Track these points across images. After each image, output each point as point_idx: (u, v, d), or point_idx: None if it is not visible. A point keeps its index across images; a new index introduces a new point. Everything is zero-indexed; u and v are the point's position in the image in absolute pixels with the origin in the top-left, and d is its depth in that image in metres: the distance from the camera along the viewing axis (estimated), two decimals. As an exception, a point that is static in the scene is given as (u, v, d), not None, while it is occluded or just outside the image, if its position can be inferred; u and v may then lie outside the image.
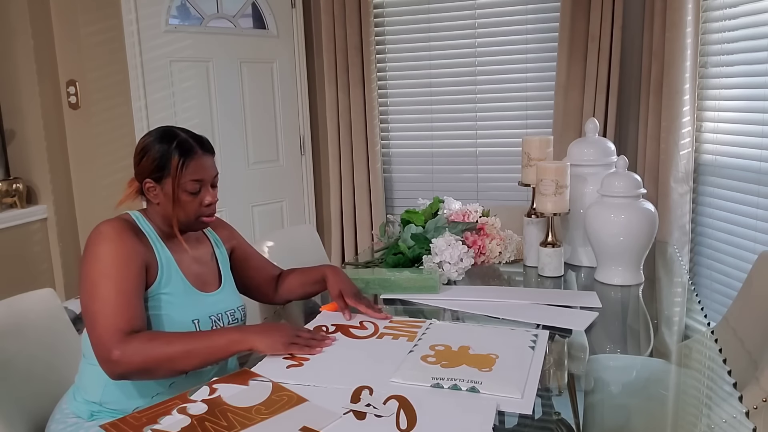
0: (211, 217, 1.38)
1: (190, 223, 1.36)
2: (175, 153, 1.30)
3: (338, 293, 1.49)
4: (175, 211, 1.33)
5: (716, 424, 0.98)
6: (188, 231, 1.39)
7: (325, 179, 3.49)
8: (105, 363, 1.16)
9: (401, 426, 0.97)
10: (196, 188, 1.33)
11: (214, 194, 1.37)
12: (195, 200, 1.33)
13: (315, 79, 3.43)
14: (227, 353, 1.20)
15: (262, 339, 1.20)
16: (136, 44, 2.77)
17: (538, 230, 1.85)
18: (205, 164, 1.34)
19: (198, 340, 1.19)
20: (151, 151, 1.31)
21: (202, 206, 1.35)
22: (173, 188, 1.31)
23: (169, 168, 1.30)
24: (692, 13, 2.50)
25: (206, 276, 1.41)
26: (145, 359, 1.15)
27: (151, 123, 2.83)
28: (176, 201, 1.32)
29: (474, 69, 3.14)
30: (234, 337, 1.20)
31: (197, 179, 1.32)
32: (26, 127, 2.85)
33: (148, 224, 1.35)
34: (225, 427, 0.97)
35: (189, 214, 1.34)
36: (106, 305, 1.18)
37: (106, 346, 1.15)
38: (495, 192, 3.19)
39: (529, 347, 1.24)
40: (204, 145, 1.35)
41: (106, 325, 1.16)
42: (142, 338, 1.17)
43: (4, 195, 2.78)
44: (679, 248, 2.56)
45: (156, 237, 1.34)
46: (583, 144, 1.91)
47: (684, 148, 2.59)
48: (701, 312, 1.47)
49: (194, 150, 1.32)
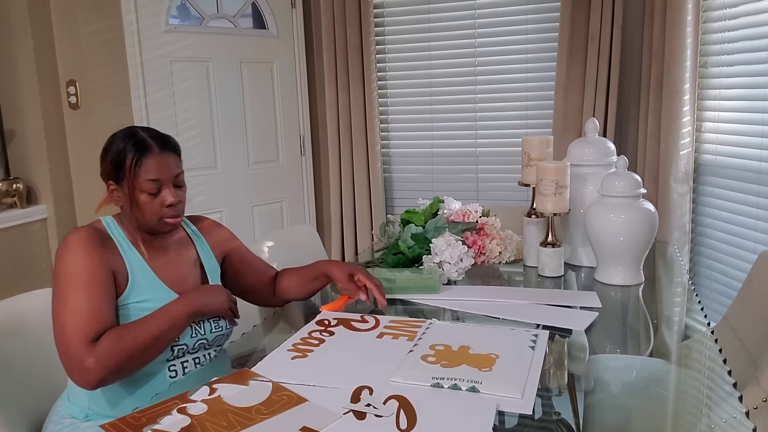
0: (176, 219, 1.32)
1: (153, 225, 1.30)
2: (130, 151, 1.26)
3: (347, 277, 1.47)
4: (134, 212, 1.28)
5: (716, 424, 0.98)
6: (155, 233, 1.34)
7: (325, 179, 3.49)
8: (79, 373, 1.13)
9: (401, 426, 0.97)
10: (154, 188, 1.27)
11: (177, 194, 1.31)
12: (155, 201, 1.28)
13: (315, 79, 3.43)
14: (186, 324, 1.26)
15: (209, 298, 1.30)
16: (136, 44, 2.77)
17: (538, 230, 1.85)
18: (162, 163, 1.28)
19: (160, 322, 1.22)
20: (110, 151, 1.29)
21: (163, 207, 1.29)
22: (129, 188, 1.27)
23: (125, 168, 1.26)
24: (692, 13, 2.50)
25: (186, 280, 1.37)
26: (119, 358, 1.14)
27: (151, 123, 2.83)
28: (134, 202, 1.27)
29: (474, 69, 3.14)
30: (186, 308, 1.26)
31: (154, 178, 1.27)
32: (26, 127, 2.85)
33: (119, 230, 1.31)
34: (225, 427, 0.97)
35: (149, 215, 1.29)
36: (75, 316, 1.15)
37: (78, 358, 1.13)
38: (495, 192, 3.19)
39: (529, 347, 1.24)
40: (164, 144, 1.30)
41: (76, 337, 1.14)
42: (110, 339, 1.15)
43: (4, 195, 2.78)
44: (679, 248, 2.56)
45: (127, 243, 1.30)
46: (583, 144, 1.91)
47: (684, 148, 2.59)
48: (701, 312, 1.47)
49: (150, 148, 1.27)
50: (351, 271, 1.48)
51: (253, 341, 1.42)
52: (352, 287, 1.46)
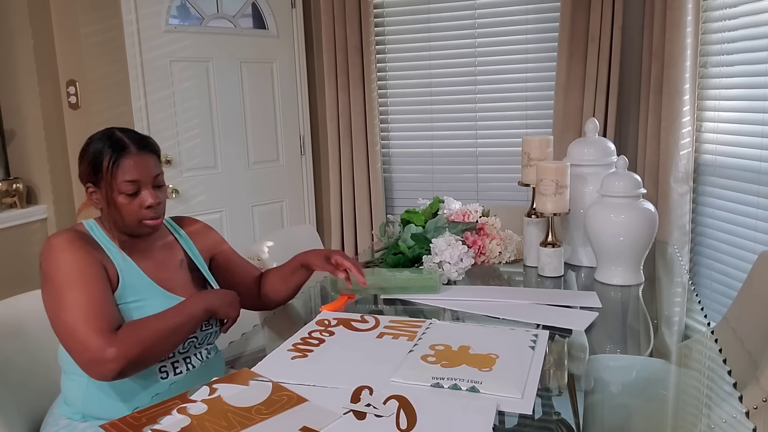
0: (155, 220, 1.29)
1: (133, 228, 1.28)
2: (107, 152, 1.23)
3: (324, 260, 1.47)
4: (112, 215, 1.26)
5: (716, 424, 0.98)
6: (135, 236, 1.31)
7: (325, 179, 3.49)
8: (99, 365, 1.11)
9: (401, 426, 0.96)
10: (132, 189, 1.25)
11: (156, 195, 1.28)
12: (133, 202, 1.26)
13: (315, 79, 3.43)
14: (203, 318, 1.26)
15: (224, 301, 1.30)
16: (136, 44, 2.77)
17: (538, 230, 1.85)
18: (140, 163, 1.25)
19: (178, 316, 1.22)
20: (87, 153, 1.26)
21: (142, 209, 1.26)
22: (107, 190, 1.24)
23: (102, 169, 1.23)
24: (692, 13, 2.50)
25: (173, 282, 1.34)
26: (143, 344, 1.14)
27: (151, 123, 2.83)
28: (112, 203, 1.25)
29: (474, 69, 3.14)
30: (202, 304, 1.26)
31: (132, 179, 1.24)
32: (26, 127, 2.85)
33: (102, 233, 1.29)
34: (225, 427, 0.97)
35: (128, 217, 1.26)
36: (80, 313, 1.13)
37: (97, 348, 1.11)
38: (495, 192, 3.19)
39: (529, 347, 1.24)
40: (142, 144, 1.27)
41: (88, 330, 1.12)
42: (129, 329, 1.16)
43: (4, 195, 2.78)
44: (679, 248, 2.56)
45: (112, 245, 1.27)
46: (583, 144, 1.91)
47: (684, 148, 2.59)
48: (701, 312, 1.47)
49: (127, 148, 1.24)
50: (327, 254, 1.48)
51: (253, 341, 1.43)
52: (330, 269, 1.46)
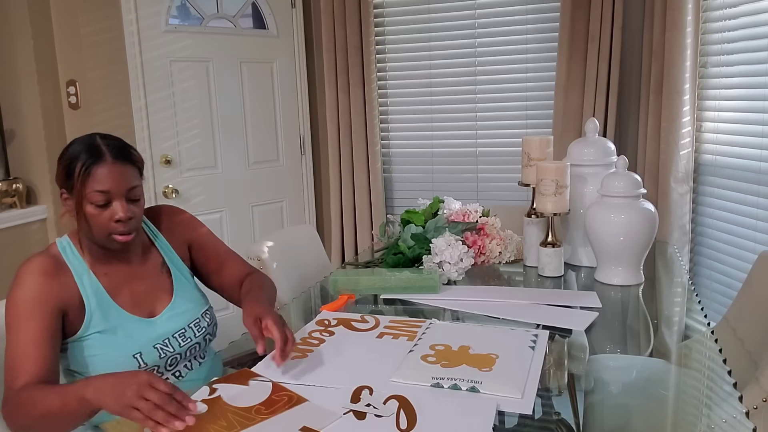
0: (126, 236, 1.21)
1: (102, 241, 1.21)
2: (82, 158, 1.16)
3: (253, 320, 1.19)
4: (81, 225, 1.19)
5: (716, 424, 0.98)
6: (107, 249, 1.24)
7: (325, 179, 3.49)
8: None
9: (401, 426, 0.97)
10: (102, 200, 1.17)
11: (129, 209, 1.19)
12: (103, 214, 1.18)
13: (315, 79, 3.43)
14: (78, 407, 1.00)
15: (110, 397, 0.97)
16: (136, 44, 2.76)
17: (538, 230, 1.85)
18: (115, 173, 1.17)
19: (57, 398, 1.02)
20: (64, 156, 1.20)
21: (112, 221, 1.18)
22: (77, 197, 1.17)
23: (74, 175, 1.17)
24: (692, 13, 2.50)
25: (152, 295, 1.29)
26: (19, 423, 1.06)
27: (151, 123, 2.83)
28: (81, 213, 1.18)
29: (474, 69, 3.14)
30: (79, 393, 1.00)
31: (102, 190, 1.16)
32: (26, 127, 2.85)
33: (75, 252, 1.23)
34: (225, 427, 0.97)
35: (96, 229, 1.19)
36: (9, 358, 1.11)
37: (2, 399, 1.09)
38: (495, 192, 3.19)
39: (529, 347, 1.24)
40: (120, 154, 1.19)
41: (6, 376, 1.10)
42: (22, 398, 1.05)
43: (3, 195, 2.78)
44: (679, 248, 2.56)
45: (83, 267, 1.22)
46: (583, 144, 1.91)
47: (684, 148, 2.59)
48: (701, 312, 1.47)
49: (102, 156, 1.17)
50: (259, 314, 1.19)
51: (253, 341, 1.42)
52: (253, 333, 1.17)
